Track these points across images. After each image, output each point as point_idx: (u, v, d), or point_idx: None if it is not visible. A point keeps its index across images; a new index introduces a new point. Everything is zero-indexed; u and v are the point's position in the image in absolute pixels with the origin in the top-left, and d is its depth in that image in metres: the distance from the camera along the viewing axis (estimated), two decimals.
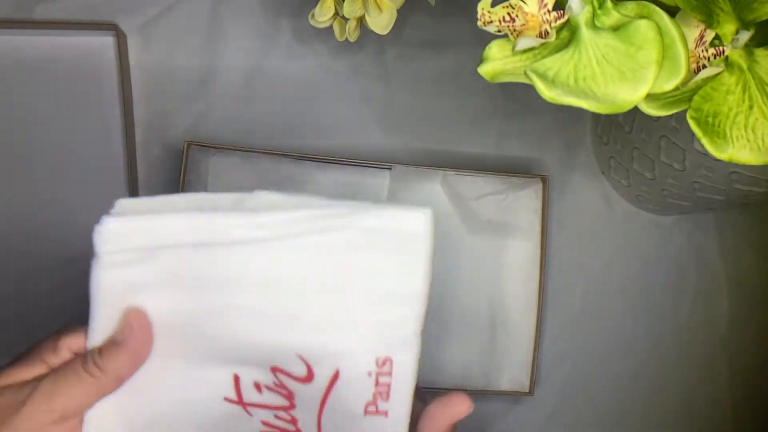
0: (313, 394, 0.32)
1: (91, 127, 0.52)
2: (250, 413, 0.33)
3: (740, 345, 0.58)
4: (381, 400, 0.31)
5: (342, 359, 0.31)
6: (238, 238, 0.30)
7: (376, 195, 0.53)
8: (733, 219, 0.58)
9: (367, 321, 0.31)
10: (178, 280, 0.31)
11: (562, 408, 0.56)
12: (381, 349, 0.31)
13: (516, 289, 0.54)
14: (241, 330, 0.31)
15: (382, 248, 0.30)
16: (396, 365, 0.31)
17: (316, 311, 0.31)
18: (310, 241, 0.30)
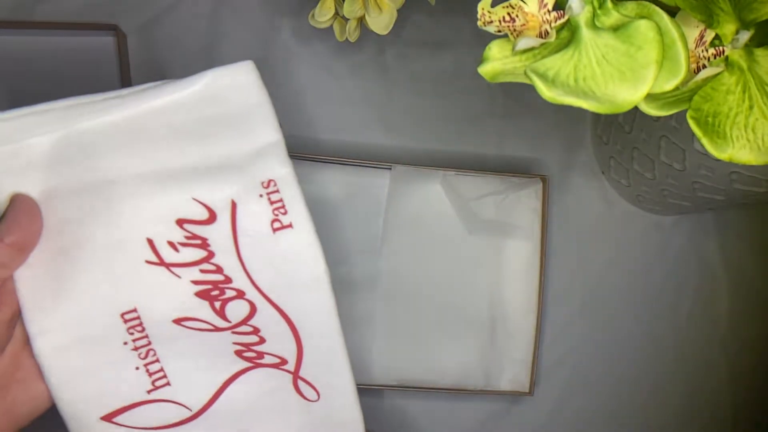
0: (223, 233, 0.35)
1: None
2: (176, 274, 0.35)
3: (740, 345, 0.58)
4: (281, 214, 0.36)
5: (232, 191, 0.35)
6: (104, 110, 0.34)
7: (376, 195, 0.53)
8: (733, 219, 0.59)
9: (238, 156, 0.35)
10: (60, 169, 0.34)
11: (562, 408, 0.56)
12: (261, 174, 0.35)
13: (516, 289, 0.54)
14: (135, 194, 0.34)
15: (222, 100, 0.35)
16: (279, 182, 0.35)
17: (194, 159, 0.35)
18: (167, 102, 0.35)
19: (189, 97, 0.35)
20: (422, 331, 0.53)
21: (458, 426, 0.55)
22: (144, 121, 0.35)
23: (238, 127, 0.35)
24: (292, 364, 0.37)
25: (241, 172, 0.35)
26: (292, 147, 0.54)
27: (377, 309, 0.53)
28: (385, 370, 0.52)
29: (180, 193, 0.35)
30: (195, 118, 0.35)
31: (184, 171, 0.35)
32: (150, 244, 0.35)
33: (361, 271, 0.53)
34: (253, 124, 0.36)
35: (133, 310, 0.36)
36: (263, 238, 0.36)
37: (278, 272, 0.36)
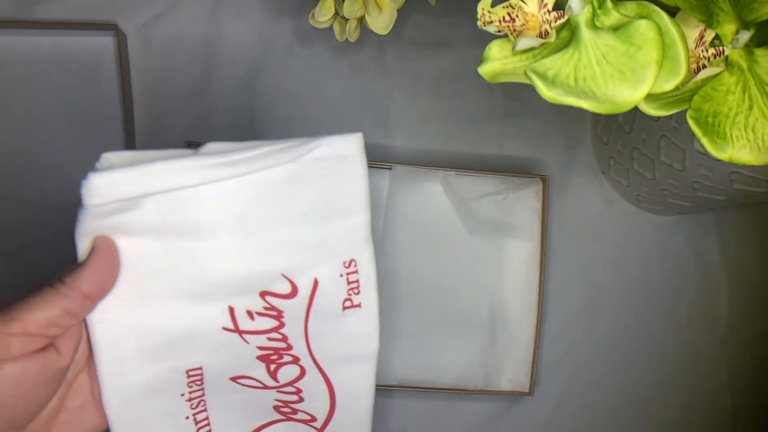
0: (299, 307, 0.37)
1: (91, 127, 0.52)
2: (246, 341, 0.37)
3: (740, 345, 0.58)
4: (354, 294, 0.38)
5: (317, 269, 0.37)
6: (212, 177, 0.34)
7: (376, 195, 0.53)
8: (733, 219, 0.58)
9: (331, 234, 0.36)
10: (161, 225, 0.34)
11: (562, 408, 0.56)
12: (345, 254, 0.37)
13: (516, 289, 0.54)
14: (227, 266, 0.35)
15: (331, 170, 0.35)
16: (360, 263, 0.37)
17: (290, 234, 0.36)
18: (275, 174, 0.35)
19: (300, 168, 0.35)
20: (422, 331, 0.53)
21: (458, 426, 0.55)
22: (249, 191, 0.35)
23: (336, 202, 0.36)
24: (320, 422, 0.39)
25: (329, 251, 0.37)
26: None
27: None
28: (385, 370, 0.52)
29: (271, 268, 0.36)
30: (300, 190, 0.35)
31: (280, 245, 0.36)
32: (230, 312, 0.36)
33: None
34: (349, 201, 0.36)
35: (198, 368, 0.37)
36: (333, 314, 0.38)
37: (335, 345, 0.38)
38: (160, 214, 0.34)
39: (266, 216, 0.35)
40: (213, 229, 0.35)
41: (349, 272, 0.37)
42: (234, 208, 0.35)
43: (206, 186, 0.34)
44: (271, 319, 0.37)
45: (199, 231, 0.34)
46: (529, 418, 0.56)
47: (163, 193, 0.33)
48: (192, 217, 0.34)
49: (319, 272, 0.37)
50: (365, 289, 0.38)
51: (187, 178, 0.34)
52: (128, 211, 0.33)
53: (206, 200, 0.34)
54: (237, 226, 0.35)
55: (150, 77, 0.54)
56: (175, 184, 0.33)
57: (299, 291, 0.37)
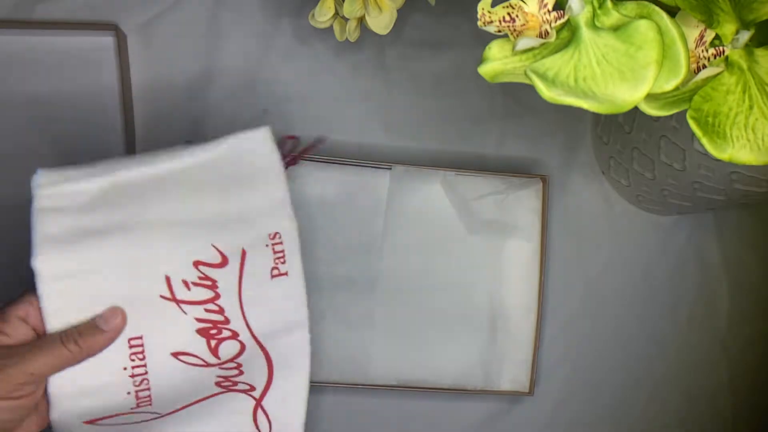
0: (231, 276, 0.41)
1: (91, 126, 0.52)
2: (184, 311, 0.40)
3: (740, 345, 0.58)
4: (280, 263, 0.42)
5: (244, 240, 0.41)
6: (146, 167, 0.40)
7: (376, 195, 0.53)
8: (733, 219, 0.58)
9: (252, 209, 0.41)
10: (101, 204, 0.39)
11: (562, 408, 0.56)
12: (269, 227, 0.42)
13: (516, 289, 0.54)
14: (160, 237, 0.40)
15: (243, 157, 0.42)
16: (284, 235, 0.42)
17: (216, 212, 0.41)
18: (197, 163, 0.41)
19: (213, 158, 0.41)
20: (422, 331, 0.53)
21: (458, 426, 0.55)
22: (176, 177, 0.41)
23: (253, 184, 0.42)
24: (259, 392, 0.42)
25: (253, 225, 0.41)
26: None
27: (377, 309, 0.53)
28: (385, 370, 0.52)
29: (202, 239, 0.41)
30: (218, 176, 0.41)
31: (206, 221, 0.41)
32: (167, 281, 0.40)
33: (361, 271, 0.53)
34: (266, 182, 0.42)
35: (139, 337, 0.40)
36: (263, 283, 0.42)
37: (269, 314, 0.42)
38: (100, 196, 0.39)
39: (191, 197, 0.41)
40: (146, 206, 0.40)
41: (274, 243, 0.41)
42: (165, 188, 0.40)
43: (140, 171, 0.40)
44: (207, 290, 0.40)
45: (134, 208, 0.40)
46: (529, 418, 0.56)
47: (104, 177, 0.40)
48: (128, 196, 0.40)
49: (246, 242, 0.41)
50: (290, 259, 0.42)
51: (125, 169, 0.40)
52: (78, 206, 0.39)
53: (141, 183, 0.40)
54: (167, 204, 0.40)
55: (150, 77, 0.54)
56: (115, 173, 0.40)
57: (229, 260, 0.41)
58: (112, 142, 0.52)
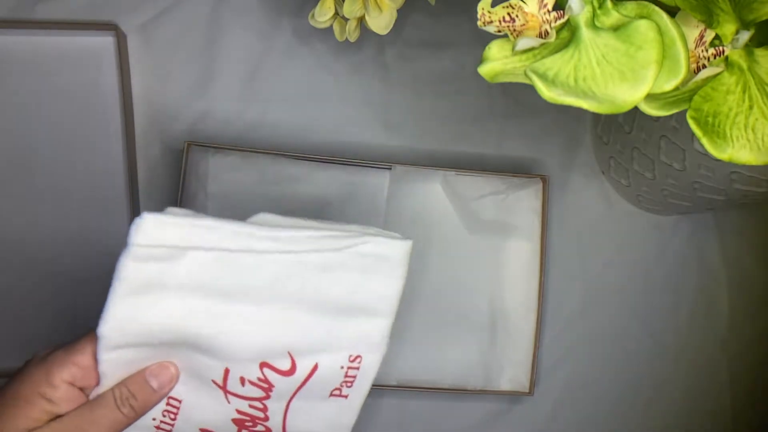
0: (290, 385, 0.38)
1: (91, 126, 0.52)
2: (228, 400, 0.38)
3: (740, 345, 0.58)
4: (345, 387, 0.39)
5: (322, 355, 0.38)
6: (256, 247, 0.35)
7: (376, 195, 0.53)
8: (733, 219, 0.58)
9: (348, 326, 0.37)
10: (194, 282, 0.35)
11: (562, 408, 0.56)
12: (355, 348, 0.38)
13: (516, 289, 0.54)
14: (238, 332, 0.36)
15: (369, 268, 0.37)
16: (364, 361, 0.38)
17: (309, 317, 0.37)
18: (313, 258, 0.36)
19: (340, 257, 0.36)
20: (422, 331, 0.53)
21: (458, 426, 0.55)
22: (288, 270, 0.36)
23: (364, 299, 0.37)
24: None
25: (340, 342, 0.38)
26: (293, 147, 0.54)
27: None
28: (385, 370, 0.52)
29: (280, 343, 0.37)
30: (333, 279, 0.37)
31: (296, 324, 0.37)
32: (225, 373, 0.37)
33: None
34: (377, 301, 0.38)
35: (179, 400, 0.38)
36: (318, 398, 0.39)
37: (310, 425, 0.40)
38: (196, 270, 0.35)
39: (293, 294, 0.36)
40: (240, 296, 0.36)
41: (351, 366, 0.38)
42: (266, 281, 0.36)
43: (246, 254, 0.35)
44: (260, 390, 0.38)
45: (227, 294, 0.36)
46: (529, 418, 0.56)
47: (205, 249, 0.35)
48: (226, 280, 0.35)
49: (323, 358, 0.38)
50: (358, 386, 0.39)
51: (232, 242, 0.35)
52: (166, 260, 0.34)
53: (243, 267, 0.35)
54: (263, 298, 0.36)
55: (150, 77, 0.54)
56: (219, 244, 0.35)
57: (297, 371, 0.38)
58: (111, 143, 0.52)
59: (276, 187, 0.52)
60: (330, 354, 0.38)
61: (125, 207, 0.52)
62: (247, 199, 0.52)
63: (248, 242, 0.35)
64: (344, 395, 0.39)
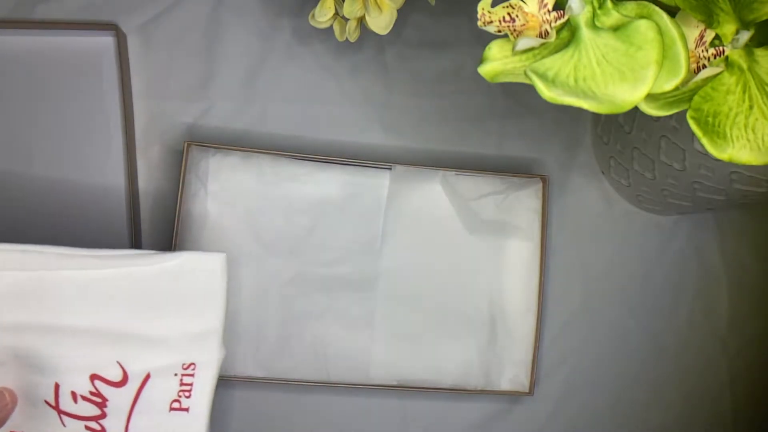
0: (125, 398, 0.38)
1: (91, 127, 0.52)
2: (63, 423, 0.38)
3: (740, 345, 0.58)
4: (184, 397, 0.39)
5: (153, 364, 0.39)
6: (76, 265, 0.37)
7: (376, 195, 0.53)
8: (733, 219, 0.58)
9: (176, 334, 0.39)
10: (14, 300, 0.37)
11: (562, 408, 0.56)
12: (187, 356, 0.39)
13: (516, 289, 0.54)
14: (67, 345, 0.37)
15: (189, 280, 0.39)
16: (198, 368, 0.39)
17: (136, 328, 0.38)
18: (134, 272, 0.38)
19: (156, 271, 0.39)
20: (422, 331, 0.53)
21: (458, 426, 0.55)
22: (108, 283, 0.38)
23: (189, 308, 0.39)
24: None
25: (170, 350, 0.39)
26: (293, 147, 0.54)
27: (377, 309, 0.53)
28: (385, 370, 0.52)
29: (108, 353, 0.38)
30: (154, 290, 0.39)
31: (121, 335, 0.38)
32: (55, 389, 0.38)
33: (361, 271, 0.53)
34: (203, 309, 0.40)
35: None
36: (158, 413, 0.39)
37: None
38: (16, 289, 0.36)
39: (119, 306, 0.38)
40: (67, 310, 0.37)
41: (185, 374, 0.39)
42: (91, 295, 0.38)
43: (67, 272, 0.37)
44: (94, 407, 0.38)
45: (49, 310, 0.37)
46: (529, 418, 0.56)
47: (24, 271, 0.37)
48: (46, 297, 0.37)
49: (154, 366, 0.39)
50: (197, 395, 0.39)
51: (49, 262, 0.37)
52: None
53: (66, 284, 0.37)
54: (89, 311, 0.38)
55: (150, 77, 0.54)
56: (37, 265, 0.37)
57: (129, 381, 0.38)
58: (111, 143, 0.52)
59: (276, 187, 0.52)
60: (161, 362, 0.39)
61: (125, 207, 0.52)
62: (248, 199, 0.52)
63: (67, 261, 0.37)
64: (185, 408, 0.39)
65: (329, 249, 0.53)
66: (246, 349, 0.51)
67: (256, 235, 0.52)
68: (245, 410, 0.53)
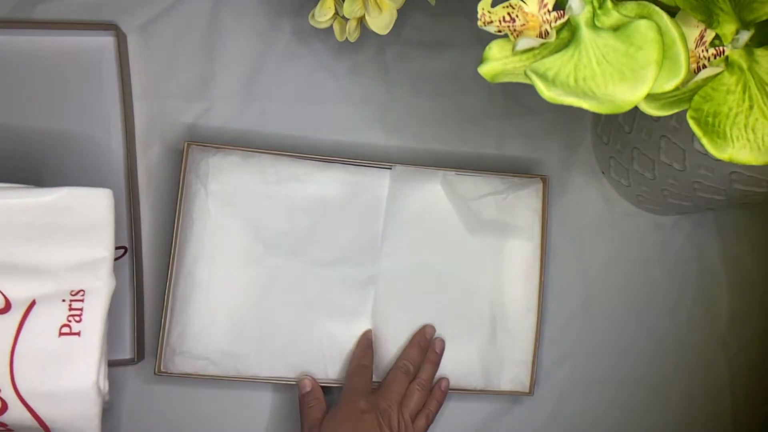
0: (9, 323, 0.38)
1: (91, 126, 0.52)
2: None
3: (740, 345, 0.58)
4: (74, 322, 0.38)
5: (38, 291, 0.38)
6: None
7: (376, 195, 0.53)
8: (733, 219, 0.59)
9: (64, 264, 0.39)
10: None
11: (562, 408, 0.56)
12: (75, 283, 0.39)
13: (516, 289, 0.54)
14: None
15: (76, 213, 0.39)
16: (88, 293, 0.39)
17: (18, 257, 0.38)
18: (16, 203, 0.38)
19: (42, 203, 0.39)
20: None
21: (458, 426, 0.55)
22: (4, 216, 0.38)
23: (75, 239, 0.39)
24: None
25: (56, 278, 0.39)
26: (293, 147, 0.54)
27: (377, 308, 0.53)
28: (385, 370, 0.52)
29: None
30: (37, 222, 0.39)
31: (2, 265, 0.38)
32: None
33: (361, 270, 0.53)
34: (91, 240, 0.40)
35: None
36: (46, 337, 0.38)
37: (44, 375, 0.38)
38: None
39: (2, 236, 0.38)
40: None
41: (74, 299, 0.38)
42: None
43: None
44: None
45: None
46: (529, 418, 0.56)
47: None
48: None
49: (39, 293, 0.38)
50: (88, 320, 0.38)
51: None
52: None
53: None
54: None
55: (150, 77, 0.54)
56: None
57: (12, 308, 0.38)
58: (111, 143, 0.52)
59: (276, 187, 0.52)
60: (46, 289, 0.38)
61: (125, 207, 0.52)
62: (248, 199, 0.52)
63: None
64: (76, 332, 0.38)
65: (330, 248, 0.53)
66: (247, 349, 0.51)
67: (256, 234, 0.52)
68: (247, 410, 0.53)
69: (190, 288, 0.51)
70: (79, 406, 0.39)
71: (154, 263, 0.53)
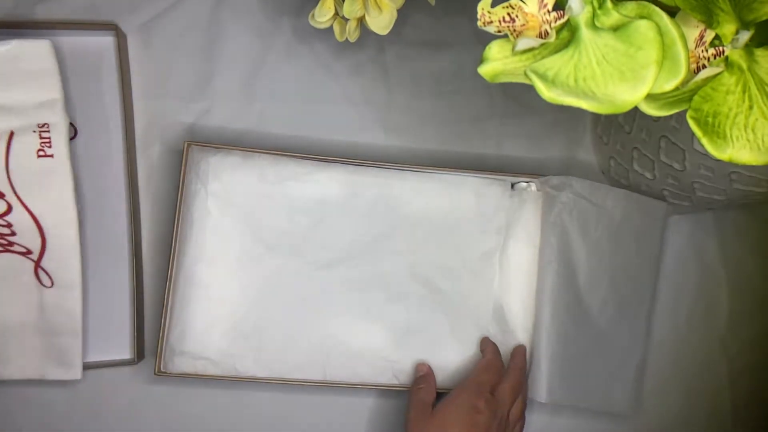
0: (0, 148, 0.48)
1: (91, 126, 0.52)
2: None
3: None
4: (46, 147, 0.49)
5: (12, 124, 0.48)
6: None
7: (376, 195, 0.53)
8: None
9: (27, 102, 0.48)
10: None
11: (562, 408, 0.56)
12: (40, 118, 0.48)
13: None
14: None
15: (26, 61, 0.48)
16: (52, 126, 0.49)
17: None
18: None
19: None
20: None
21: None
22: None
23: (29, 83, 0.48)
24: (36, 255, 0.49)
25: (23, 114, 0.48)
26: (293, 147, 0.54)
27: (377, 309, 0.53)
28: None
29: None
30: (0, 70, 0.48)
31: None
32: None
33: (361, 270, 0.53)
34: (43, 84, 0.48)
35: None
36: (29, 159, 0.48)
37: (33, 181, 0.48)
38: None
39: None
40: None
41: (42, 131, 0.48)
42: None
43: None
44: None
45: None
46: (529, 419, 0.56)
47: None
48: None
49: (13, 126, 0.48)
50: (56, 145, 0.48)
51: None
52: None
53: None
54: None
55: (150, 77, 0.54)
56: None
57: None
58: (111, 143, 0.52)
59: (276, 187, 0.52)
60: (19, 123, 0.48)
61: (125, 207, 0.52)
62: (248, 199, 0.52)
63: None
64: (50, 155, 0.48)
65: (330, 248, 0.53)
66: (248, 349, 0.51)
67: (256, 234, 0.52)
68: (247, 410, 0.53)
69: (190, 288, 0.51)
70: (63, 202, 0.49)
71: (154, 263, 0.53)
